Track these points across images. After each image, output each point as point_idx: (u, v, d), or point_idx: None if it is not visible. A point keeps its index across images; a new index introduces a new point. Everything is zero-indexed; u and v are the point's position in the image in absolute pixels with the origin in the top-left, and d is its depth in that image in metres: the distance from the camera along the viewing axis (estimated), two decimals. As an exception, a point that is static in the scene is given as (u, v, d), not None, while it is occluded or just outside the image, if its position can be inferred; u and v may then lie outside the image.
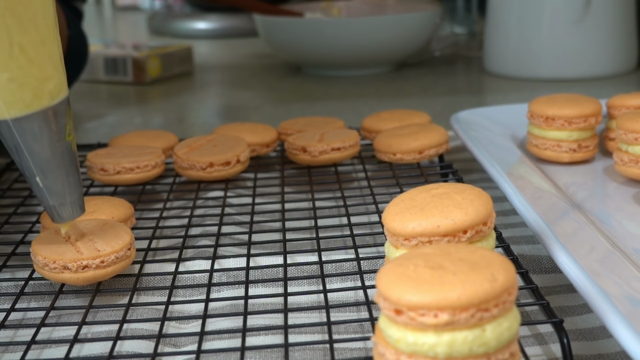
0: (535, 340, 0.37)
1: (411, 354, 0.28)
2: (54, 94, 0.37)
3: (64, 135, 0.38)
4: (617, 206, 0.51)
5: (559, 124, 0.57)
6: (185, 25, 1.48)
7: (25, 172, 0.38)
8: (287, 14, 1.12)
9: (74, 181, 0.39)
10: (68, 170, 0.39)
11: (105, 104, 0.96)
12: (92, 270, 0.40)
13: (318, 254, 0.43)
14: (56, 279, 0.40)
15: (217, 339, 0.38)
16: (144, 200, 0.55)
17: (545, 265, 0.45)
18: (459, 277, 0.28)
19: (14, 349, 0.37)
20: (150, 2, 1.89)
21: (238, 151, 0.55)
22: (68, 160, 0.38)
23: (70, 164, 0.39)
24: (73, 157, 0.39)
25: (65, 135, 0.38)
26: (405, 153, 0.55)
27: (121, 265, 0.41)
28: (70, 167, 0.39)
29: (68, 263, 0.40)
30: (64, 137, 0.38)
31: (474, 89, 1.01)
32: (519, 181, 0.50)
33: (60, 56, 0.37)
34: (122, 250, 0.41)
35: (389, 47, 1.03)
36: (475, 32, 1.30)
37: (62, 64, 0.38)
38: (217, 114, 0.93)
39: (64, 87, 0.38)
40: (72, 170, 0.39)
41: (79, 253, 0.40)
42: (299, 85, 1.03)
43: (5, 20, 0.34)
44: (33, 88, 0.36)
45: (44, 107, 0.37)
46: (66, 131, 0.38)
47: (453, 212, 0.35)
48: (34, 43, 0.35)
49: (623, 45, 0.97)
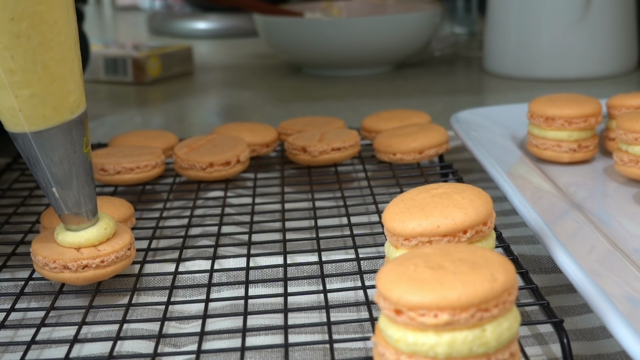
0: (535, 340, 0.37)
1: (411, 354, 0.28)
2: (74, 108, 0.37)
3: (82, 147, 0.38)
4: (617, 206, 0.51)
5: (559, 124, 0.57)
6: (185, 25, 1.48)
7: (41, 182, 0.39)
8: (287, 14, 1.12)
9: (89, 192, 0.40)
10: (84, 181, 0.39)
11: (105, 104, 0.96)
12: (92, 270, 0.40)
13: (318, 254, 0.43)
14: (56, 279, 0.40)
15: (217, 339, 0.38)
16: (144, 200, 0.55)
17: (545, 265, 0.45)
18: (459, 277, 0.28)
19: (14, 349, 0.37)
20: (150, 2, 1.89)
21: (238, 151, 0.55)
22: (84, 172, 0.39)
23: (86, 175, 0.39)
24: (89, 169, 0.39)
25: (82, 147, 0.38)
26: (405, 153, 0.55)
27: (121, 265, 0.41)
28: (86, 178, 0.39)
29: (68, 263, 0.40)
30: (82, 149, 0.38)
31: (474, 89, 1.01)
32: (519, 181, 0.50)
33: (80, 71, 0.38)
34: (122, 250, 0.41)
35: (389, 47, 1.03)
36: (475, 32, 1.30)
37: (81, 79, 0.38)
38: (217, 114, 0.93)
39: (83, 100, 0.38)
40: (88, 181, 0.39)
41: (79, 253, 0.40)
42: (299, 85, 1.03)
43: (30, 39, 0.35)
44: (54, 103, 0.36)
45: (64, 121, 0.37)
46: (83, 143, 0.38)
47: (453, 212, 0.35)
48: (56, 60, 0.36)
49: (623, 45, 0.97)
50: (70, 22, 0.36)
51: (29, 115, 0.36)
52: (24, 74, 0.35)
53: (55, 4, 0.35)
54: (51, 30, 0.35)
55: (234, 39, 1.44)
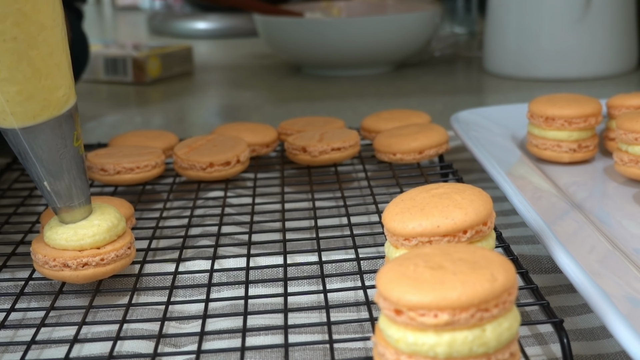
0: (535, 340, 0.37)
1: (411, 354, 0.28)
2: (62, 102, 0.37)
3: (72, 141, 0.38)
4: (617, 206, 0.51)
5: (559, 124, 0.57)
6: (185, 25, 1.48)
7: (33, 176, 0.38)
8: (287, 14, 1.12)
9: (81, 185, 0.39)
10: (76, 174, 0.39)
11: (105, 104, 0.96)
12: (92, 268, 0.40)
13: (318, 254, 0.43)
14: (56, 277, 0.40)
15: (217, 339, 0.38)
16: (144, 200, 0.55)
17: (545, 265, 0.45)
18: (459, 277, 0.28)
19: (14, 349, 0.37)
20: (150, 2, 1.89)
21: (238, 151, 0.55)
22: (75, 165, 0.39)
23: (77, 168, 0.39)
24: (81, 162, 0.39)
25: (73, 141, 0.38)
26: (405, 153, 0.55)
27: (121, 263, 0.41)
28: (78, 171, 0.39)
29: (68, 260, 0.40)
30: (72, 143, 0.38)
31: (474, 89, 1.01)
32: (519, 181, 0.50)
33: (68, 64, 0.37)
34: (122, 248, 0.41)
35: (389, 47, 1.03)
36: (475, 32, 1.30)
37: (70, 72, 0.38)
38: (217, 114, 0.93)
39: (72, 94, 0.38)
40: (79, 175, 0.39)
41: (80, 251, 0.40)
42: (299, 85, 1.03)
43: (14, 36, 0.34)
44: (41, 99, 0.36)
45: (53, 116, 0.37)
46: (74, 137, 0.38)
47: (453, 212, 0.35)
48: (42, 55, 0.36)
49: (623, 45, 0.97)
50: (56, 16, 0.36)
51: (16, 112, 0.36)
52: (10, 72, 0.35)
53: (41, 1, 0.35)
54: (36, 28, 0.35)
55: (234, 39, 1.44)
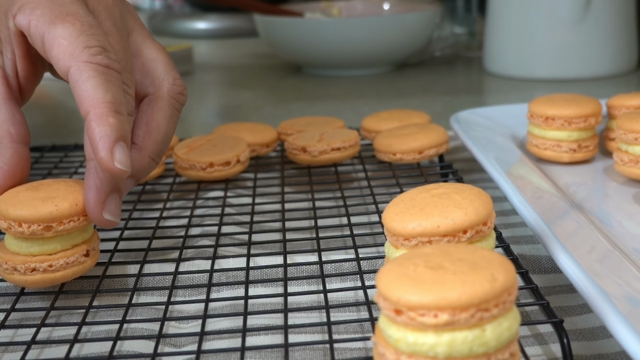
0: (535, 340, 0.37)
1: (411, 354, 0.28)
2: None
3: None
4: (617, 206, 0.51)
5: (559, 124, 0.57)
6: (185, 25, 1.48)
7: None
8: (287, 14, 1.12)
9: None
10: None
11: (105, 104, 0.95)
12: (39, 274, 0.39)
13: (318, 254, 0.43)
14: (8, 280, 0.40)
15: (217, 339, 0.38)
16: (144, 200, 0.55)
17: (545, 265, 0.45)
18: (459, 277, 0.28)
19: (14, 349, 0.37)
20: (150, 2, 1.89)
21: (238, 151, 0.55)
22: None
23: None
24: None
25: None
26: (405, 153, 0.55)
27: (72, 271, 0.40)
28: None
29: (17, 265, 0.39)
30: None
31: (474, 89, 1.01)
32: (519, 181, 0.50)
33: None
34: (73, 255, 0.39)
35: (389, 47, 1.03)
36: (475, 32, 1.30)
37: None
38: (217, 114, 0.93)
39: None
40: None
41: (30, 256, 0.39)
42: (299, 85, 1.03)
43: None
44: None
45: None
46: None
47: (453, 212, 0.35)
48: None
49: (623, 45, 0.97)
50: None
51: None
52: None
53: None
54: None
55: (234, 39, 1.44)
